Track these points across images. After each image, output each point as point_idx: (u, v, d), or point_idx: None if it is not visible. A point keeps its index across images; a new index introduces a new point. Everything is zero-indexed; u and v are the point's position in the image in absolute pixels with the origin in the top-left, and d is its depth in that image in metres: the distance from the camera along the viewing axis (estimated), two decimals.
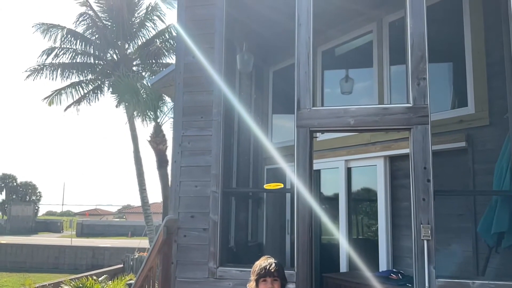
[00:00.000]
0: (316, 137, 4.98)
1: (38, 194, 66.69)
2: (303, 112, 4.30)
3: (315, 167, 4.64)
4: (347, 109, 4.21)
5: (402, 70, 4.39)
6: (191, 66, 4.78)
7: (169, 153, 14.63)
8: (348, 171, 6.08)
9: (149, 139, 14.34)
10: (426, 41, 3.98)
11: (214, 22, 4.72)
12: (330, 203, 6.39)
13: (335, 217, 6.09)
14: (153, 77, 18.42)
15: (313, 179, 4.31)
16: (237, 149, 6.18)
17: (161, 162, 14.04)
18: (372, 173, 5.79)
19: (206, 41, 4.74)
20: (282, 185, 4.69)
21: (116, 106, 16.79)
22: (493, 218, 4.05)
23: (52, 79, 18.53)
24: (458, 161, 4.81)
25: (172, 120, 15.19)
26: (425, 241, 3.73)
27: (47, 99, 18.85)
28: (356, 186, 6.24)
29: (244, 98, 6.61)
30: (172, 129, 5.08)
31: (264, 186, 5.74)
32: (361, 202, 6.32)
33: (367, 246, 5.91)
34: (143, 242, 22.89)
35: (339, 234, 5.96)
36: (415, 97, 3.98)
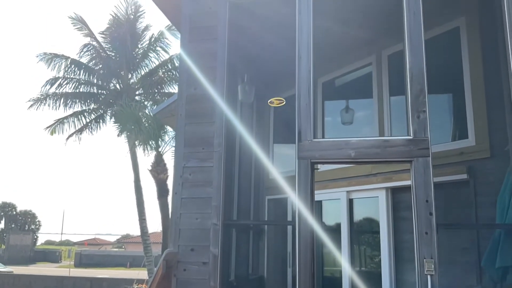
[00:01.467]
0: (317, 168, 4.97)
1: (38, 223, 66.10)
2: (304, 143, 4.31)
3: (317, 198, 4.61)
4: (348, 141, 4.22)
5: (402, 100, 4.42)
6: (193, 98, 4.82)
7: (169, 182, 14.63)
8: (350, 202, 6.04)
9: (150, 168, 14.35)
10: (425, 74, 4.03)
11: (217, 55, 4.78)
12: (332, 234, 6.31)
13: (337, 248, 6.01)
14: (155, 106, 18.68)
15: (315, 210, 4.28)
16: (238, 180, 6.17)
17: (162, 192, 14.00)
18: (374, 205, 5.75)
19: (209, 74, 4.80)
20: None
21: (118, 135, 16.89)
22: (497, 252, 3.99)
23: (55, 108, 18.71)
24: (460, 193, 4.78)
25: (173, 149, 15.30)
26: (429, 276, 3.66)
27: (49, 128, 18.97)
28: (358, 217, 6.18)
29: (245, 128, 6.64)
30: (173, 158, 5.09)
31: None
32: (364, 234, 6.25)
33: (370, 279, 5.80)
34: (141, 273, 22.52)
35: (342, 266, 5.86)
36: (415, 130, 3.99)
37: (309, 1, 4.53)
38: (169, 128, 13.93)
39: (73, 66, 18.89)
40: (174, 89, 19.43)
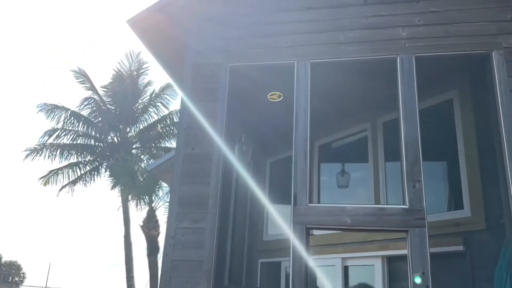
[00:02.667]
0: (312, 234, 4.91)
1: (22, 275, 63.59)
2: (300, 208, 4.28)
3: (311, 263, 4.51)
4: (344, 207, 4.21)
5: (397, 165, 4.46)
6: (191, 157, 4.84)
7: (160, 239, 14.31)
8: (345, 269, 5.90)
9: (141, 224, 14.10)
10: (419, 144, 4.10)
11: (216, 116, 4.86)
12: None
13: None
14: (152, 160, 18.69)
15: (309, 276, 4.17)
16: (231, 240, 6.05)
17: (152, 249, 13.67)
18: (369, 273, 5.61)
19: (206, 134, 4.85)
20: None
21: (112, 188, 16.75)
22: None
23: (52, 159, 18.67)
24: (456, 265, 4.70)
25: (167, 204, 15.15)
26: None
27: (43, 179, 18.80)
28: (353, 283, 6.01)
29: (240, 189, 6.62)
30: (165, 213, 5.02)
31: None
32: None
33: None
34: None
35: None
36: (411, 199, 3.99)
37: (307, 69, 4.71)
38: (163, 184, 13.85)
39: (72, 118, 19.09)
40: (171, 144, 19.57)
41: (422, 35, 4.51)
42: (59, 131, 19.02)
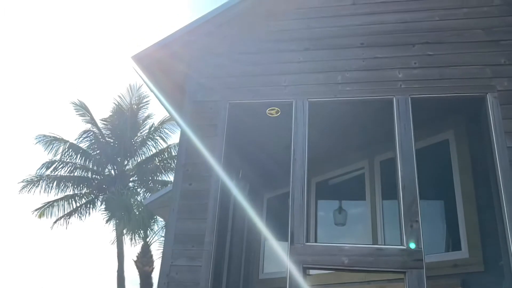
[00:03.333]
0: (309, 274, 4.84)
1: None
2: (297, 247, 4.24)
3: None
4: (341, 247, 4.18)
5: (394, 204, 4.45)
6: (188, 193, 4.83)
7: (154, 275, 14.02)
8: None
9: (135, 259, 13.85)
10: (416, 185, 4.11)
11: (214, 153, 4.88)
12: None
13: None
14: (148, 193, 18.57)
15: None
16: (226, 279, 5.94)
17: (146, 286, 13.39)
18: None
19: (204, 170, 4.86)
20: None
21: (107, 222, 16.54)
22: None
23: (48, 191, 18.47)
24: None
25: (162, 239, 14.93)
26: None
27: (37, 211, 18.54)
28: None
29: (237, 225, 6.56)
30: (159, 248, 4.95)
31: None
32: None
33: None
34: None
35: None
36: (408, 240, 3.97)
37: (305, 107, 4.78)
38: (159, 218, 13.72)
39: (70, 150, 19.05)
40: (168, 177, 19.50)
41: (418, 77, 4.61)
42: (56, 163, 18.94)
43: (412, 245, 3.89)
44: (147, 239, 14.03)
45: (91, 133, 19.81)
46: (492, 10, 4.75)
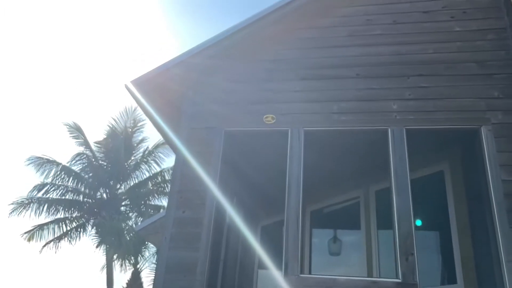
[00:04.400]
0: None
1: None
2: (291, 278, 4.18)
3: None
4: (335, 279, 4.11)
5: (390, 234, 4.40)
6: (181, 221, 4.76)
7: None
8: None
9: (125, 286, 13.55)
10: (412, 217, 4.09)
11: (208, 180, 4.85)
12: None
13: None
14: (140, 218, 18.34)
15: None
16: None
17: None
18: None
19: (198, 197, 4.82)
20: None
21: (97, 247, 16.24)
22: None
23: (38, 214, 18.16)
24: None
25: (152, 266, 14.66)
26: None
27: (27, 234, 18.20)
28: None
29: (230, 253, 6.46)
30: (150, 274, 4.83)
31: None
32: None
33: None
34: None
35: None
36: (404, 273, 3.92)
37: (300, 136, 4.79)
38: (150, 244, 13.50)
39: (63, 173, 18.85)
40: (161, 202, 19.32)
41: (413, 109, 4.65)
42: (48, 185, 18.71)
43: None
44: (138, 266, 13.76)
45: (84, 155, 19.66)
46: (485, 44, 4.84)
